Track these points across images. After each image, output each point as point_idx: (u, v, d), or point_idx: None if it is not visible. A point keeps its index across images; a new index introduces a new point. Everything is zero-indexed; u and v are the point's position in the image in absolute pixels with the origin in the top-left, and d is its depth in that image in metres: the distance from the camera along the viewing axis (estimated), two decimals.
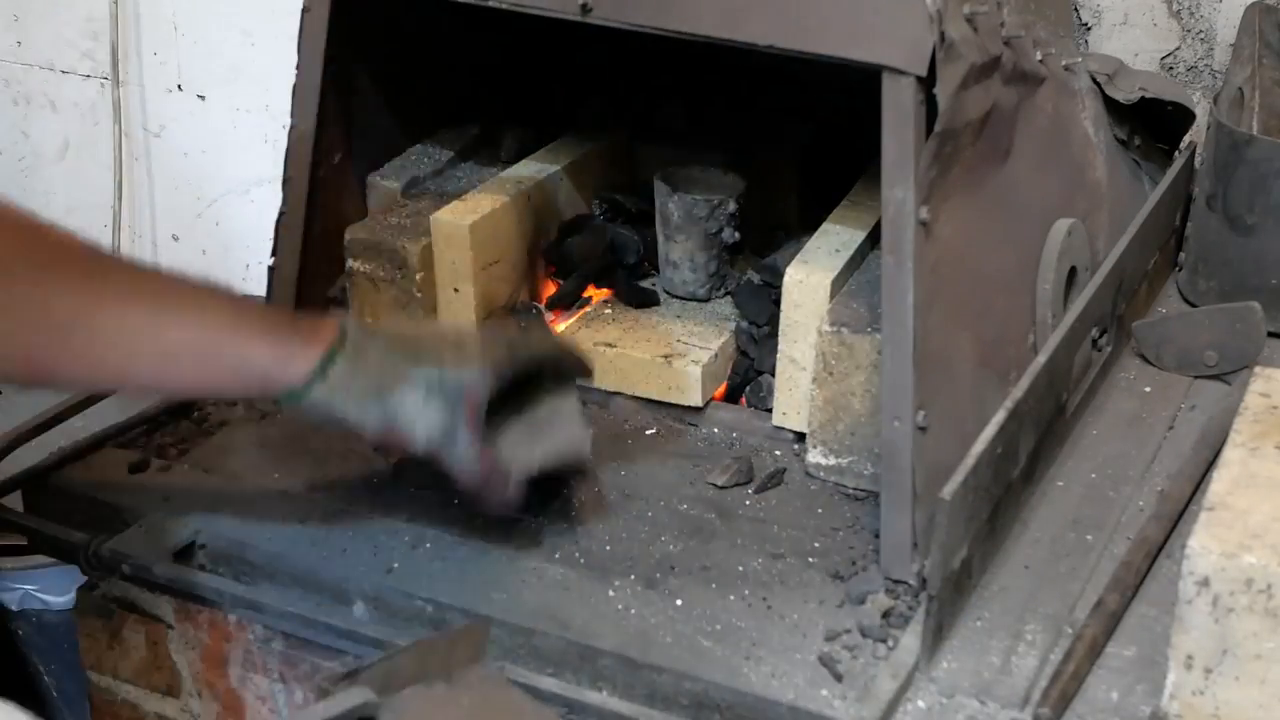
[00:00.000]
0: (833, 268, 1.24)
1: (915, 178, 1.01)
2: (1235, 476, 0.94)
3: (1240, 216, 1.40)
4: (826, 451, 1.22)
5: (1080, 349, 1.25)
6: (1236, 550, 0.87)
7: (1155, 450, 1.27)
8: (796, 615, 1.08)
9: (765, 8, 1.03)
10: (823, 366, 1.20)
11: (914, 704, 1.01)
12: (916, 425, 1.06)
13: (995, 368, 1.18)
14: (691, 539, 1.17)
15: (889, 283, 1.04)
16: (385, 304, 1.40)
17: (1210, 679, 0.90)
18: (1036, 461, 1.19)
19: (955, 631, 1.06)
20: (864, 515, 1.19)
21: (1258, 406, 1.01)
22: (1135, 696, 1.00)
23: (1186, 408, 1.33)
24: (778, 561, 1.14)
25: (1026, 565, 1.13)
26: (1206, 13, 1.58)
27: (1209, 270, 1.46)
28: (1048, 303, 1.23)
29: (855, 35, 1.00)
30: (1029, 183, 1.23)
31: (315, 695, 0.87)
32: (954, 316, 1.11)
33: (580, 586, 1.11)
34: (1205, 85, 1.61)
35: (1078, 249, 1.29)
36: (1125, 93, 1.40)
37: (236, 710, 1.26)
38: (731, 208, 1.38)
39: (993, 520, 1.11)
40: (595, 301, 1.43)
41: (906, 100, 0.99)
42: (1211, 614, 0.88)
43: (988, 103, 1.10)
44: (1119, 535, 1.15)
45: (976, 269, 1.14)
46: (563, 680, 1.05)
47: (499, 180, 1.44)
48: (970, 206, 1.11)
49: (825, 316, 1.21)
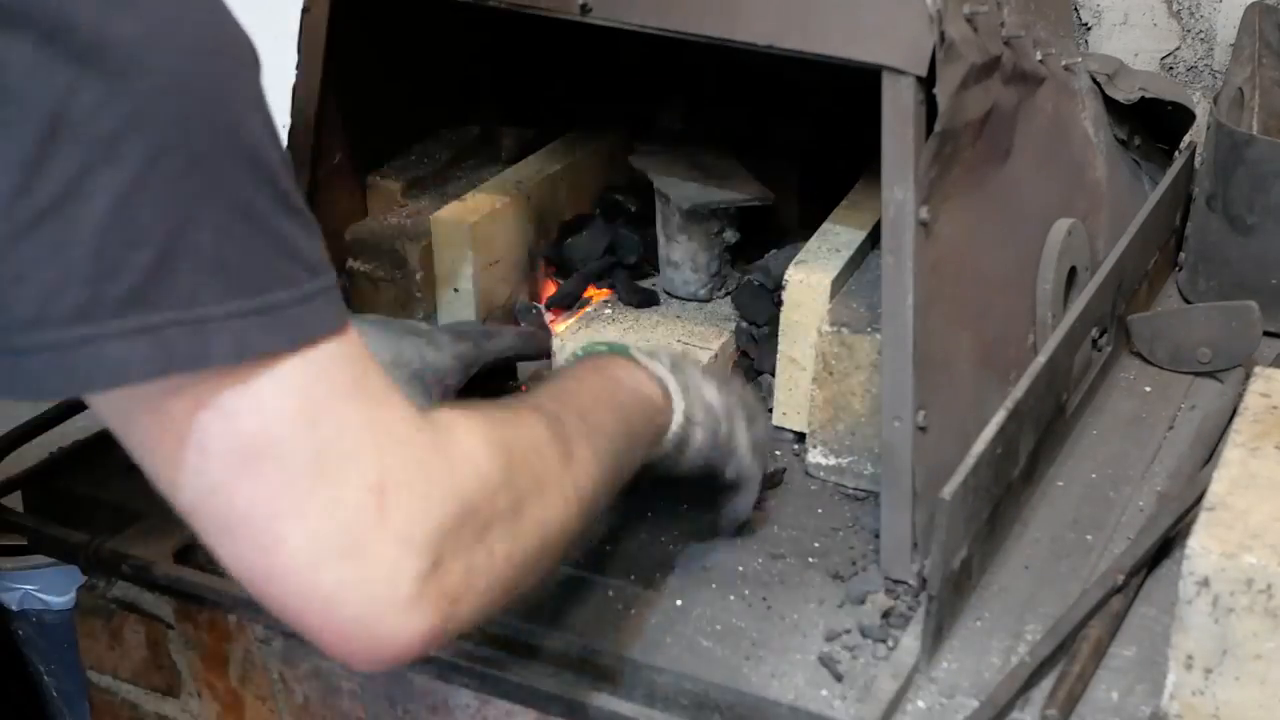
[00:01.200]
0: (833, 268, 1.25)
1: (915, 178, 1.01)
2: (1235, 476, 0.94)
3: (1240, 216, 1.40)
4: (826, 451, 1.22)
5: (1080, 349, 1.25)
6: (1236, 550, 0.87)
7: (1155, 450, 1.27)
8: (796, 615, 1.08)
9: (765, 8, 1.03)
10: (823, 366, 1.20)
11: (914, 704, 1.01)
12: (916, 425, 1.06)
13: (995, 368, 1.18)
14: (691, 539, 1.17)
15: (889, 283, 1.04)
16: (385, 304, 1.40)
17: (1210, 679, 0.90)
18: (1036, 461, 1.19)
19: (955, 631, 1.06)
20: (864, 515, 1.19)
21: (1258, 406, 1.01)
22: (1135, 696, 1.00)
23: (1186, 408, 1.33)
24: (778, 561, 1.14)
25: (1026, 565, 1.13)
26: (1206, 13, 1.58)
27: (1209, 270, 1.46)
28: (1048, 303, 1.23)
29: (855, 35, 1.00)
30: (1029, 183, 1.23)
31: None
32: (954, 316, 1.11)
33: (580, 586, 1.11)
34: (1205, 85, 1.61)
35: (1078, 249, 1.29)
36: (1125, 93, 1.40)
37: (236, 710, 1.26)
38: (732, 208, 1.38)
39: (993, 520, 1.11)
40: (595, 301, 1.43)
41: (906, 100, 0.99)
42: (1211, 614, 0.88)
43: (988, 103, 1.10)
44: (1119, 535, 1.15)
45: (976, 269, 1.14)
46: (563, 680, 1.05)
47: (499, 180, 1.44)
48: (970, 206, 1.11)
49: (825, 316, 1.21)
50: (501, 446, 0.80)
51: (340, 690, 1.19)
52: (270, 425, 0.70)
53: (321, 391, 0.72)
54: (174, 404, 0.69)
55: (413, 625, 0.73)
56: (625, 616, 1.09)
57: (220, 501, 0.71)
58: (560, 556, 0.87)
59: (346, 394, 0.73)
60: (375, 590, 0.72)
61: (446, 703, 1.15)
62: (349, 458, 0.72)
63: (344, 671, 1.18)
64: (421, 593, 0.73)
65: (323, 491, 0.71)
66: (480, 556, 0.77)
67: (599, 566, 1.14)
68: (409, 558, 0.73)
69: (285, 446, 0.70)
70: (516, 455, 0.82)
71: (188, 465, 0.70)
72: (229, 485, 0.70)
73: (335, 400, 0.72)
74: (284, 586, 0.72)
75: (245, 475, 0.70)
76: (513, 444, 0.82)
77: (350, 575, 0.72)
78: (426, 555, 0.73)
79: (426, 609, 0.73)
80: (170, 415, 0.69)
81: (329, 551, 0.71)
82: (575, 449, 0.87)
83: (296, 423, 0.71)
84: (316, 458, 0.71)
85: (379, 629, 0.73)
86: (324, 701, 1.21)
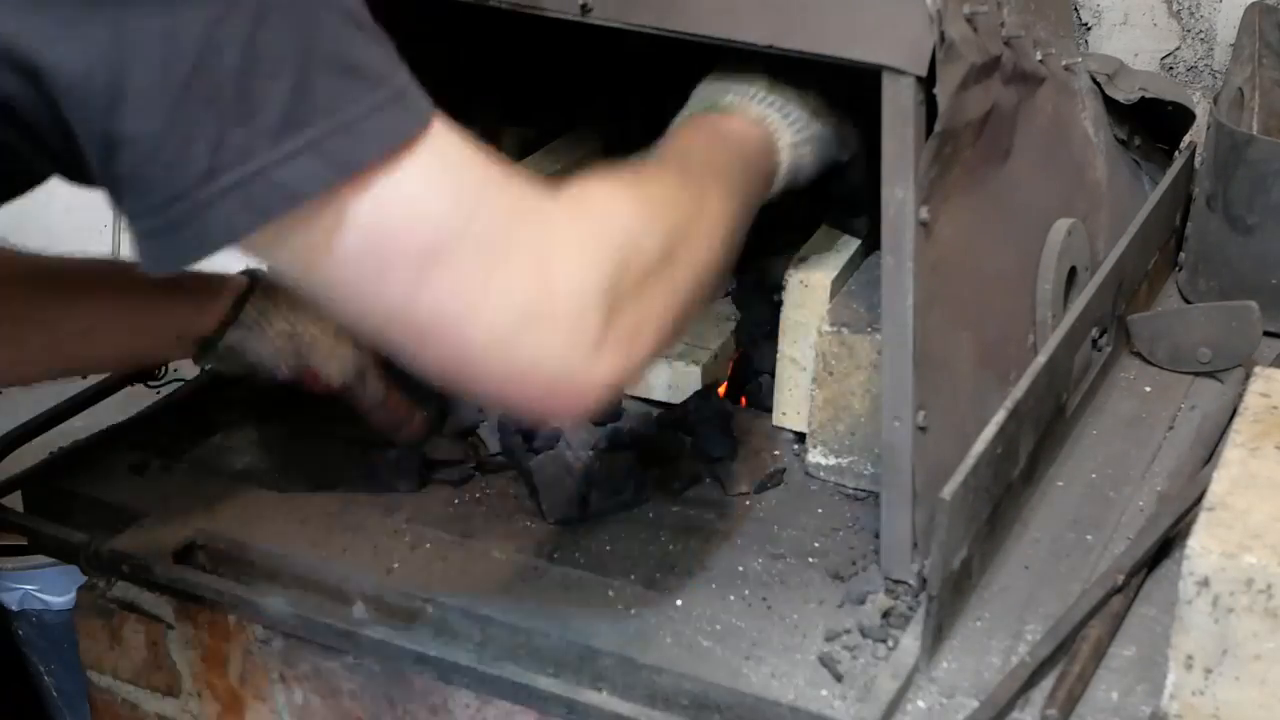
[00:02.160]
0: (833, 268, 1.24)
1: (915, 178, 1.01)
2: (1235, 476, 0.94)
3: (1240, 216, 1.40)
4: (826, 451, 1.22)
5: (1080, 349, 1.25)
6: (1236, 550, 0.87)
7: (1155, 450, 1.27)
8: (796, 615, 1.08)
9: (765, 8, 1.03)
10: (823, 366, 1.20)
11: (914, 704, 1.01)
12: (916, 425, 1.06)
13: (995, 368, 1.18)
14: (691, 539, 1.17)
15: (889, 283, 1.04)
16: None
17: (1210, 679, 0.90)
18: (1036, 461, 1.19)
19: (955, 631, 1.06)
20: (864, 515, 1.19)
21: (1258, 406, 1.00)
22: (1135, 696, 1.00)
23: (1187, 408, 1.33)
24: (778, 561, 1.14)
25: (1026, 565, 1.13)
26: (1206, 13, 1.58)
27: (1209, 270, 1.46)
28: (1048, 303, 1.23)
29: (855, 35, 1.00)
30: (1029, 183, 1.22)
31: None
32: (954, 316, 1.11)
33: (580, 586, 1.11)
34: (1205, 85, 1.60)
35: (1078, 249, 1.29)
36: (1125, 93, 1.39)
37: (236, 710, 1.26)
38: None
39: (993, 520, 1.11)
40: None
41: (906, 100, 0.99)
42: (1211, 614, 0.88)
43: (988, 103, 1.10)
44: (1119, 535, 1.15)
45: (976, 269, 1.14)
46: (563, 680, 1.05)
47: None
48: (970, 206, 1.11)
49: (825, 316, 1.21)
50: (639, 200, 0.90)
51: (340, 690, 1.19)
52: (435, 225, 0.77)
53: (467, 180, 0.80)
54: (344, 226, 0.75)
55: (604, 365, 0.83)
56: (625, 616, 1.09)
57: (410, 307, 0.78)
58: (708, 294, 0.96)
59: (488, 181, 0.81)
60: (566, 345, 0.81)
61: (446, 703, 1.15)
62: (510, 240, 0.80)
63: (344, 671, 1.18)
64: (604, 337, 0.82)
65: (496, 276, 0.79)
66: (644, 298, 0.86)
67: (599, 566, 1.14)
68: (586, 312, 0.82)
69: (454, 242, 0.78)
70: (655, 205, 0.91)
71: (370, 282, 0.77)
72: (413, 290, 0.78)
73: (483, 188, 0.80)
74: (485, 366, 0.81)
75: (425, 276, 0.77)
76: (648, 196, 0.91)
77: (540, 339, 0.80)
78: (599, 307, 0.82)
79: (612, 349, 0.83)
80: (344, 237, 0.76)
81: (515, 325, 0.80)
82: (705, 189, 0.96)
83: (455, 218, 0.78)
84: (482, 247, 0.78)
85: (577, 376, 0.83)
86: (324, 701, 1.21)
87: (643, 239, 0.87)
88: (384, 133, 0.75)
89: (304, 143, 0.73)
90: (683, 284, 0.90)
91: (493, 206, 0.80)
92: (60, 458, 1.30)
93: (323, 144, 0.73)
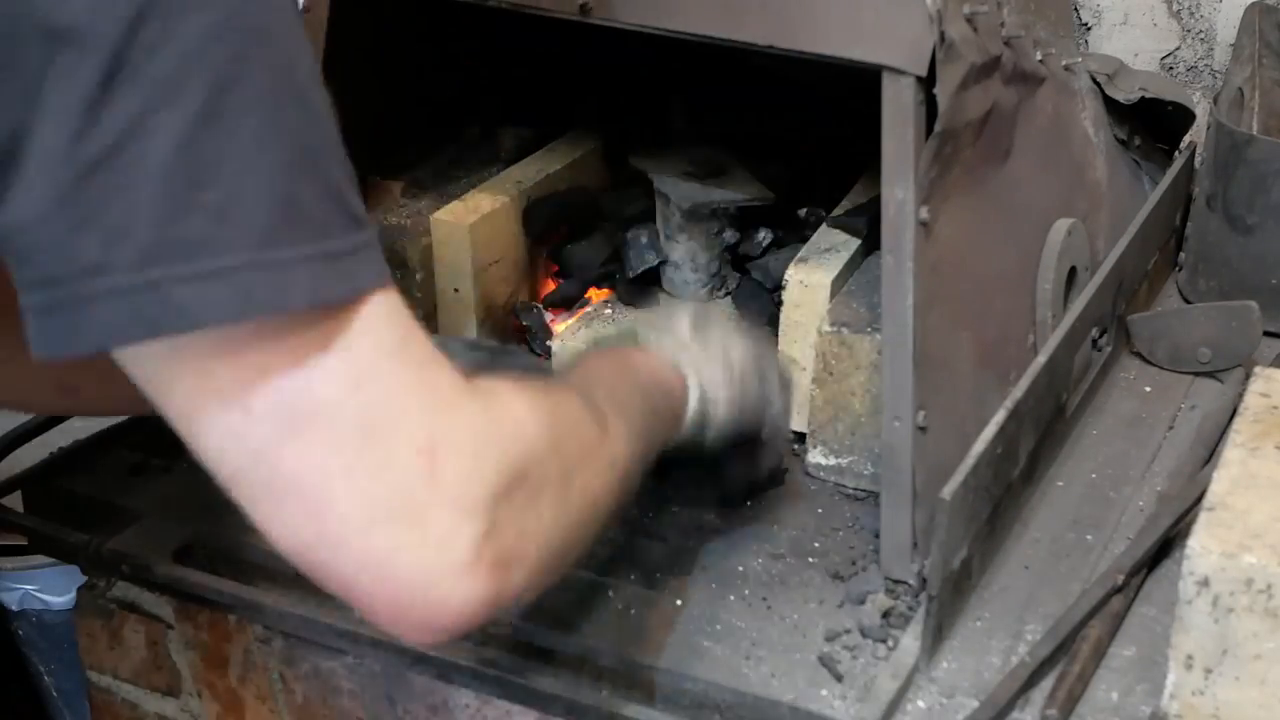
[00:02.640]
0: (833, 268, 1.24)
1: (915, 178, 1.01)
2: (1235, 476, 0.94)
3: (1240, 216, 1.40)
4: (826, 451, 1.22)
5: (1080, 349, 1.25)
6: (1236, 550, 0.87)
7: (1155, 450, 1.27)
8: (796, 615, 1.08)
9: (765, 8, 1.03)
10: (823, 366, 1.20)
11: (914, 704, 1.01)
12: (916, 425, 1.06)
13: (995, 368, 1.18)
14: (691, 539, 1.17)
15: (889, 283, 1.04)
16: None
17: (1210, 679, 0.90)
18: (1036, 461, 1.19)
19: (955, 631, 1.06)
20: (864, 515, 1.19)
21: (1258, 406, 1.00)
22: (1135, 696, 1.00)
23: (1187, 408, 1.33)
24: (778, 561, 1.14)
25: (1026, 565, 1.13)
26: (1206, 13, 1.58)
27: (1209, 270, 1.46)
28: (1048, 303, 1.23)
29: (855, 35, 1.00)
30: (1029, 183, 1.23)
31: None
32: (954, 316, 1.11)
33: (580, 586, 1.11)
34: (1205, 85, 1.60)
35: (1078, 249, 1.29)
36: (1125, 93, 1.39)
37: (236, 710, 1.26)
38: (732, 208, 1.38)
39: (993, 520, 1.11)
40: (595, 301, 1.43)
41: (906, 100, 0.99)
42: (1211, 614, 0.88)
43: (988, 103, 1.10)
44: (1119, 535, 1.15)
45: (976, 269, 1.14)
46: (563, 680, 1.05)
47: (499, 180, 1.44)
48: (970, 206, 1.11)
49: (825, 316, 1.21)
50: (547, 414, 0.79)
51: (340, 690, 1.19)
52: (317, 385, 0.68)
53: (368, 349, 0.70)
54: (219, 362, 0.67)
55: (469, 591, 0.70)
56: (625, 616, 1.09)
57: (266, 467, 0.68)
58: (602, 529, 0.85)
59: (393, 353, 0.70)
60: (430, 553, 0.69)
61: (446, 703, 1.15)
62: (398, 419, 0.69)
63: (344, 671, 1.18)
64: (477, 557, 0.70)
65: (372, 453, 0.68)
66: (532, 522, 0.74)
67: (599, 566, 1.14)
68: (463, 521, 0.70)
69: (333, 407, 0.68)
70: (561, 423, 0.80)
71: (231, 429, 0.68)
72: (275, 449, 0.68)
73: (383, 359, 0.70)
74: (335, 553, 0.69)
75: (291, 438, 0.68)
76: (556, 413, 0.80)
77: (404, 539, 0.69)
78: (480, 519, 0.70)
79: (482, 574, 0.70)
80: (214, 374, 0.67)
81: (381, 514, 0.68)
82: (609, 422, 0.86)
83: (344, 383, 0.68)
84: (365, 419, 0.68)
85: (434, 595, 0.70)
86: (324, 701, 1.21)
87: (544, 455, 0.76)
88: (309, 288, 0.67)
89: (219, 267, 0.65)
90: (576, 513, 0.80)
91: (391, 381, 0.70)
92: (60, 458, 1.30)
93: (238, 275, 0.65)
